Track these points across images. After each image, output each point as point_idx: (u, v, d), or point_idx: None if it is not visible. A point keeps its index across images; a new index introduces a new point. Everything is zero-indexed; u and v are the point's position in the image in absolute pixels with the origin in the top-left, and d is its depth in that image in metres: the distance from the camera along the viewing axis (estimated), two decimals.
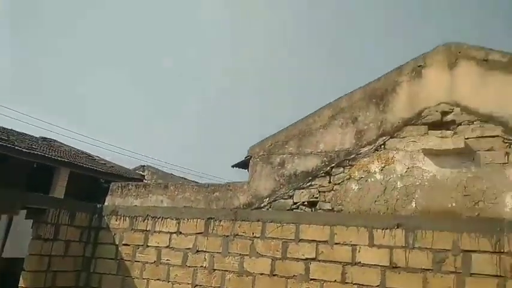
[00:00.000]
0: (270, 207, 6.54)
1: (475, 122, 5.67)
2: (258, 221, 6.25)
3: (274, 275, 5.92)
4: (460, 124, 5.74)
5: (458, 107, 5.79)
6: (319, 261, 5.71)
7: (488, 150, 5.50)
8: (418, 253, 5.18)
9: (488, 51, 5.90)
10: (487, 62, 5.85)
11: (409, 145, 5.92)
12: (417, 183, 5.72)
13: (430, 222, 5.27)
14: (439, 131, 5.80)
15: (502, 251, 4.76)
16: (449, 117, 5.81)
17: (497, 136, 5.48)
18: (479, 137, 5.59)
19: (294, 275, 5.80)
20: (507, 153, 5.38)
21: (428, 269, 5.08)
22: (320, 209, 6.16)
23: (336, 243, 5.66)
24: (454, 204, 5.43)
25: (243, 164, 7.16)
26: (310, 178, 6.38)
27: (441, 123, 5.84)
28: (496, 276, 4.73)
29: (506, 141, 5.42)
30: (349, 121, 6.43)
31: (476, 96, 5.75)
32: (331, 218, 5.86)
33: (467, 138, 5.60)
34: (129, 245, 7.07)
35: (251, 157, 6.98)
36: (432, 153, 5.73)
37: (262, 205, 6.60)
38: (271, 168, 6.77)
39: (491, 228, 4.89)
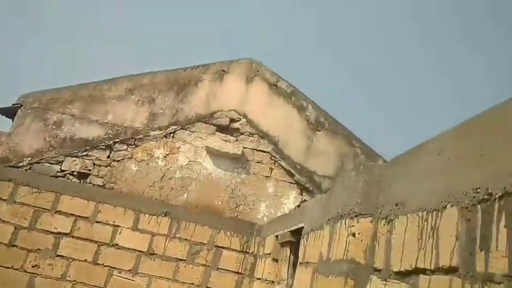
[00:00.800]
0: (30, 168, 5.62)
1: (254, 135, 6.35)
2: (10, 181, 5.29)
3: (13, 246, 5.09)
4: (242, 133, 6.32)
5: (245, 119, 6.38)
6: (73, 237, 5.23)
7: (258, 162, 6.24)
8: (177, 243, 5.38)
9: (278, 78, 6.74)
10: (276, 87, 6.67)
11: (196, 140, 6.15)
12: (194, 177, 5.98)
13: (196, 216, 5.56)
14: (225, 135, 6.24)
15: (247, 251, 5.44)
16: (235, 125, 6.33)
17: (268, 152, 6.29)
18: (254, 149, 6.28)
19: (38, 249, 5.13)
20: (271, 169, 6.23)
21: (182, 259, 5.33)
22: (90, 183, 5.68)
23: (98, 222, 5.32)
24: (220, 203, 5.92)
25: (8, 111, 5.95)
26: (88, 148, 5.82)
27: (228, 128, 6.31)
28: (237, 273, 5.36)
29: (273, 158, 6.27)
30: (146, 100, 6.21)
31: (261, 114, 6.47)
32: (99, 194, 5.47)
33: (245, 148, 6.22)
34: None
35: (21, 106, 5.88)
36: (214, 153, 6.10)
37: (20, 164, 5.61)
38: (44, 125, 5.86)
39: (244, 230, 5.53)
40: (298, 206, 5.86)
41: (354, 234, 2.39)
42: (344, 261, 2.38)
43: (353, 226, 2.40)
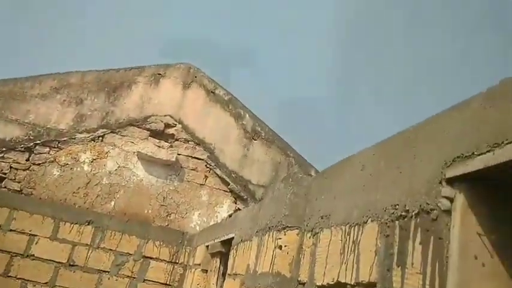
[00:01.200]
0: None
1: (190, 142, 6.20)
2: None
3: None
4: (177, 140, 6.15)
5: (181, 124, 6.21)
6: None
7: (192, 169, 6.09)
8: (100, 253, 5.06)
9: (216, 85, 6.67)
10: (214, 94, 6.59)
11: (127, 145, 5.87)
12: (123, 183, 5.69)
13: (123, 225, 5.27)
14: (158, 140, 6.03)
15: (177, 261, 5.25)
16: (170, 131, 6.15)
17: (203, 160, 6.17)
18: (189, 156, 6.13)
19: None
20: (206, 177, 6.11)
21: (105, 271, 5.02)
22: (5, 187, 5.19)
23: (12, 230, 4.86)
24: (150, 212, 5.67)
25: None
26: (4, 149, 5.32)
27: (162, 133, 6.11)
28: (165, 284, 5.14)
29: (208, 166, 6.16)
30: (73, 101, 5.82)
31: (198, 120, 6.34)
32: (14, 200, 5.03)
33: (180, 154, 6.05)
34: None
35: None
36: (145, 159, 5.86)
37: None
38: None
39: (174, 240, 5.34)
40: (230, 215, 5.78)
41: (280, 247, 2.36)
42: (270, 274, 2.34)
43: (280, 238, 2.37)
